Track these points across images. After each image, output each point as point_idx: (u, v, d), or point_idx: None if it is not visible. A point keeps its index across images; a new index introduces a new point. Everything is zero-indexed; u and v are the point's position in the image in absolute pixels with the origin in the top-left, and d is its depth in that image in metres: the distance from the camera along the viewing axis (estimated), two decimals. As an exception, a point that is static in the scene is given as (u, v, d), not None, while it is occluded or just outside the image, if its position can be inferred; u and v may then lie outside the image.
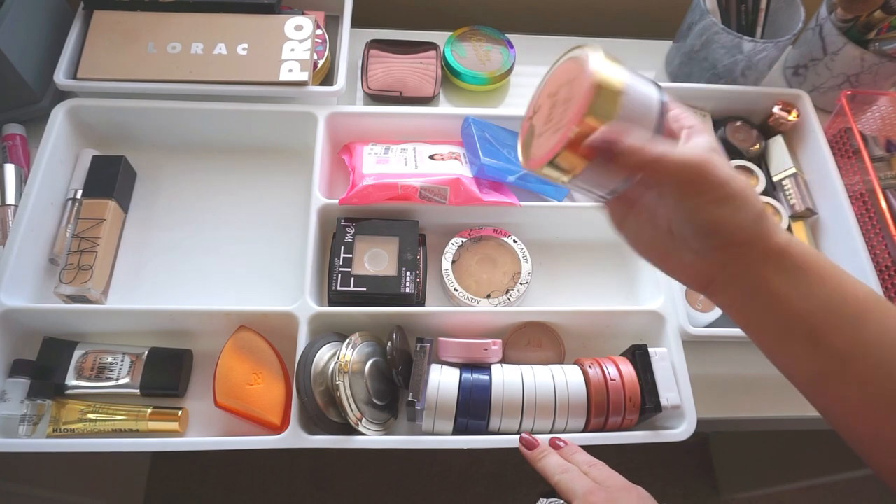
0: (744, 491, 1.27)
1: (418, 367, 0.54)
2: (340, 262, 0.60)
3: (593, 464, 0.48)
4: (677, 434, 0.54)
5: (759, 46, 0.70)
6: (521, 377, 0.54)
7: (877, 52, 0.71)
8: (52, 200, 0.63)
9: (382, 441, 0.53)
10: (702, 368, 0.61)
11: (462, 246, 0.64)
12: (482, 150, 0.64)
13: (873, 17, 0.69)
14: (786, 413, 0.62)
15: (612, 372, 0.54)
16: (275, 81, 0.67)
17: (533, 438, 0.51)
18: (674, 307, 0.60)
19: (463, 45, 0.78)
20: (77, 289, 0.58)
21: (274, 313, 0.58)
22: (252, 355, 0.56)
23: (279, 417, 0.54)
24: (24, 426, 0.53)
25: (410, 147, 0.68)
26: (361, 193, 0.62)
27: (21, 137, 0.68)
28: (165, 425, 0.55)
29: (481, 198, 0.63)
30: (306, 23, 0.70)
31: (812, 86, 0.78)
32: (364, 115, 0.70)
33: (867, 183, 0.67)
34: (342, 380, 0.51)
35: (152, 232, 0.66)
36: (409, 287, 0.60)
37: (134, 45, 0.67)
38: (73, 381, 0.56)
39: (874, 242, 0.66)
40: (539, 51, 0.82)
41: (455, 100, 0.78)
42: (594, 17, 0.90)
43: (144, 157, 0.69)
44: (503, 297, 0.61)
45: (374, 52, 0.78)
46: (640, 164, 0.33)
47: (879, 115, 0.74)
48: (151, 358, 0.57)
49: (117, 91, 0.66)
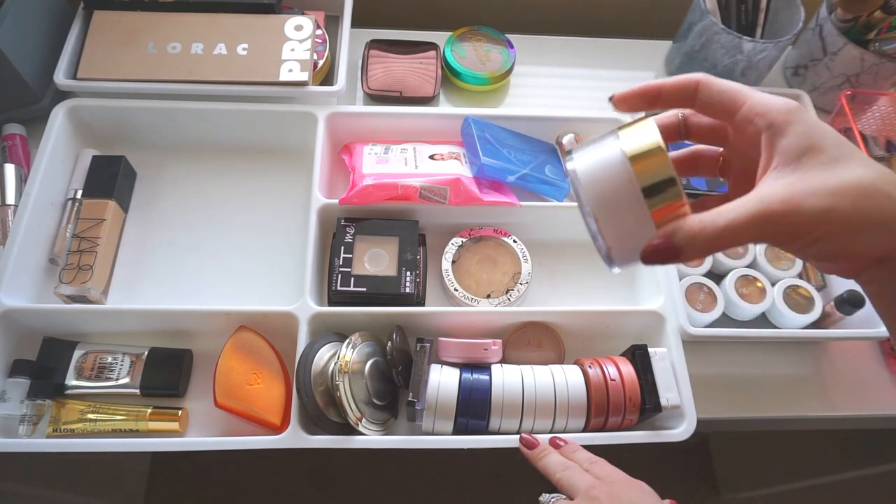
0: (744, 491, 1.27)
1: (418, 367, 0.54)
2: (340, 262, 0.60)
3: (594, 461, 0.48)
4: (677, 434, 0.54)
5: (759, 46, 0.70)
6: (521, 377, 0.54)
7: (877, 52, 0.71)
8: (52, 200, 0.63)
9: (382, 441, 0.53)
10: (702, 368, 0.61)
11: (462, 246, 0.64)
12: (482, 150, 0.64)
13: (873, 17, 0.69)
14: (786, 413, 0.62)
15: (612, 372, 0.54)
16: (275, 81, 0.67)
17: (533, 438, 0.51)
18: (674, 307, 0.60)
19: (463, 45, 0.78)
20: (77, 289, 0.58)
21: (274, 313, 0.58)
22: (252, 355, 0.56)
23: (279, 417, 0.54)
24: (24, 426, 0.53)
25: (410, 147, 0.68)
26: (361, 193, 0.62)
27: (21, 137, 0.68)
28: (165, 425, 0.55)
29: (481, 198, 0.63)
30: (306, 23, 0.70)
31: (812, 86, 0.78)
32: (364, 115, 0.70)
33: (867, 183, 0.67)
34: (342, 380, 0.51)
35: (152, 232, 0.66)
36: (409, 287, 0.60)
37: (134, 45, 0.67)
38: (73, 381, 0.56)
39: (874, 242, 0.66)
40: (539, 51, 0.82)
41: (455, 100, 0.78)
42: (594, 17, 0.90)
43: (144, 157, 0.69)
44: (503, 297, 0.61)
45: (374, 52, 0.78)
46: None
47: (879, 115, 0.74)
48: (151, 358, 0.57)
49: (117, 91, 0.66)
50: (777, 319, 0.63)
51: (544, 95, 0.80)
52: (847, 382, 0.64)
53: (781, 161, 0.30)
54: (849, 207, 0.28)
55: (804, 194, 0.28)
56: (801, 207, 0.28)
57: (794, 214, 0.28)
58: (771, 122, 0.30)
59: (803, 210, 0.28)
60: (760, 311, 0.63)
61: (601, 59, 0.83)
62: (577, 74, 0.82)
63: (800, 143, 0.29)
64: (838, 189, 0.28)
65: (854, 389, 0.63)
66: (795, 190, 0.28)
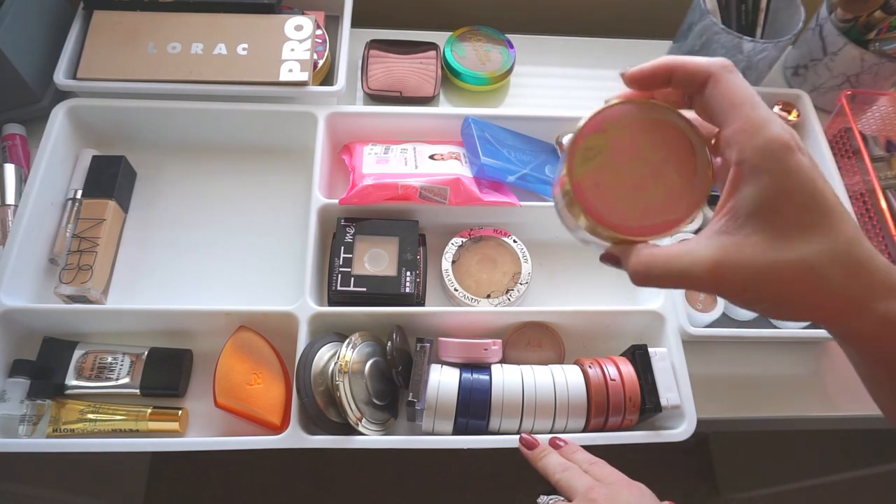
0: (744, 491, 1.27)
1: (418, 367, 0.54)
2: (340, 262, 0.60)
3: (594, 462, 0.48)
4: (677, 434, 0.54)
5: (759, 46, 0.70)
6: (521, 377, 0.54)
7: (877, 52, 0.71)
8: (52, 200, 0.63)
9: (382, 441, 0.53)
10: (702, 368, 0.61)
11: (462, 246, 0.64)
12: (482, 150, 0.64)
13: (873, 17, 0.69)
14: (786, 413, 0.62)
15: (612, 372, 0.54)
16: (275, 81, 0.67)
17: (533, 438, 0.51)
18: (674, 307, 0.60)
19: (463, 45, 0.78)
20: (77, 289, 0.58)
21: (274, 313, 0.58)
22: (252, 355, 0.56)
23: (279, 417, 0.54)
24: (24, 426, 0.53)
25: (410, 147, 0.68)
26: (361, 193, 0.62)
27: (21, 137, 0.68)
28: (165, 425, 0.55)
29: (481, 198, 0.63)
30: (306, 23, 0.70)
31: (812, 86, 0.78)
32: (364, 115, 0.70)
33: (867, 183, 0.67)
34: (342, 380, 0.51)
35: (152, 232, 0.66)
36: (409, 287, 0.60)
37: (134, 45, 0.67)
38: (73, 381, 0.56)
39: (874, 242, 0.66)
40: (539, 51, 0.82)
41: (455, 100, 0.78)
42: (594, 17, 0.90)
43: (144, 157, 0.69)
44: (503, 297, 0.61)
45: (374, 52, 0.78)
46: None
47: (879, 115, 0.74)
48: (151, 358, 0.57)
49: (117, 91, 0.66)
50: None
51: (544, 95, 0.80)
52: (847, 382, 0.64)
53: (731, 212, 0.28)
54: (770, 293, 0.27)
55: (731, 267, 0.27)
56: (723, 281, 0.28)
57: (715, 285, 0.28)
58: (742, 160, 0.28)
59: (725, 283, 0.28)
60: (760, 311, 0.63)
61: (601, 59, 0.83)
62: (577, 74, 0.82)
63: (758, 199, 0.27)
64: (767, 270, 0.27)
65: (854, 389, 0.63)
66: (725, 258, 0.28)
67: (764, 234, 0.27)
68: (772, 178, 0.27)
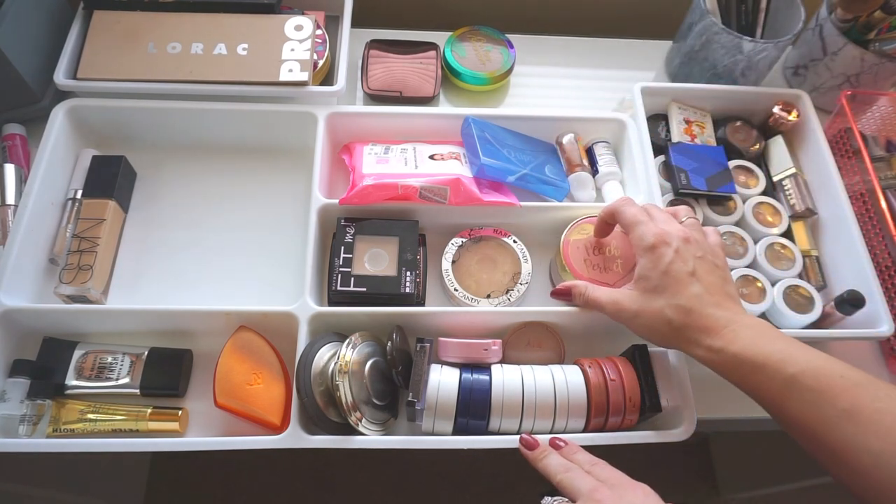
0: (744, 491, 1.27)
1: (418, 367, 0.54)
2: (340, 262, 0.60)
3: (595, 463, 0.48)
4: (677, 434, 0.54)
5: (759, 46, 0.70)
6: (521, 377, 0.54)
7: (877, 53, 0.71)
8: (52, 200, 0.63)
9: (382, 441, 0.53)
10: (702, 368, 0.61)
11: (462, 246, 0.64)
12: (482, 150, 0.64)
13: (873, 17, 0.69)
14: (786, 413, 0.62)
15: (612, 372, 0.54)
16: (275, 81, 0.67)
17: (533, 439, 0.51)
18: (674, 307, 0.60)
19: (463, 45, 0.78)
20: (77, 289, 0.58)
21: (274, 313, 0.58)
22: (252, 355, 0.56)
23: (279, 417, 0.54)
24: (24, 426, 0.53)
25: (410, 147, 0.68)
26: (361, 193, 0.62)
27: (21, 137, 0.68)
28: (165, 425, 0.55)
29: (481, 198, 0.63)
30: (306, 23, 0.70)
31: (812, 86, 0.78)
32: (364, 115, 0.70)
33: (867, 183, 0.67)
34: (342, 380, 0.51)
35: (152, 232, 0.66)
36: (409, 287, 0.60)
37: (134, 45, 0.67)
38: (73, 381, 0.56)
39: (874, 242, 0.66)
40: (539, 51, 0.82)
41: (455, 100, 0.78)
42: (594, 17, 0.90)
43: (144, 157, 0.69)
44: (503, 297, 0.61)
45: (374, 52, 0.78)
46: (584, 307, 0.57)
47: (879, 115, 0.74)
48: (151, 358, 0.57)
49: (117, 91, 0.66)
50: (777, 319, 0.63)
51: (544, 95, 0.80)
52: (847, 382, 0.63)
53: (633, 277, 0.53)
54: (641, 323, 0.51)
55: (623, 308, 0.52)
56: (619, 312, 0.53)
57: (616, 314, 0.53)
58: (636, 253, 0.53)
59: (620, 315, 0.53)
60: (760, 311, 0.63)
61: (601, 59, 0.83)
62: (577, 74, 0.82)
63: (639, 272, 0.52)
64: (640, 313, 0.51)
65: (854, 389, 0.63)
66: (622, 299, 0.53)
67: (640, 291, 0.52)
68: (645, 262, 0.52)
